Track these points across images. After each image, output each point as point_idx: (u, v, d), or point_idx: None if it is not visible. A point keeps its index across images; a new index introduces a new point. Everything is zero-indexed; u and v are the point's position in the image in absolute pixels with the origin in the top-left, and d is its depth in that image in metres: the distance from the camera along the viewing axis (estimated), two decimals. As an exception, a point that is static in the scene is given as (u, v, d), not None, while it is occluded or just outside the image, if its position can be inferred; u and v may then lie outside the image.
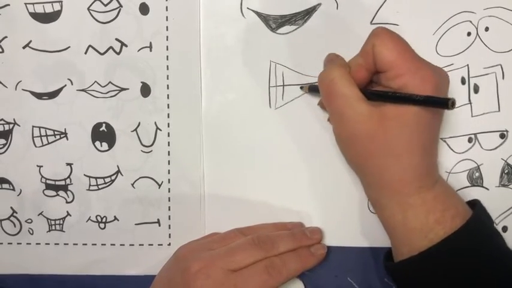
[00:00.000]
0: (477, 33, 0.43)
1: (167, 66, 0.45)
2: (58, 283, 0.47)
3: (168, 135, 0.45)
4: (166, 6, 0.44)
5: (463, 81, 0.44)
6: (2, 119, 0.46)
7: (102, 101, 0.45)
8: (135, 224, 0.46)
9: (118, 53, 0.45)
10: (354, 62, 0.39)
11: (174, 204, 0.46)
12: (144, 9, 0.44)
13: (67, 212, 0.46)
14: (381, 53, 0.37)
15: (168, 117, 0.45)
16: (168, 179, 0.46)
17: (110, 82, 0.45)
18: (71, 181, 0.46)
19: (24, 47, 0.45)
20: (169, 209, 0.46)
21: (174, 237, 0.46)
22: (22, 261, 0.47)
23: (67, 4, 0.44)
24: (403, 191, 0.37)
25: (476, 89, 0.44)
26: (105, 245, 0.47)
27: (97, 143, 0.46)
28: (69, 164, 0.46)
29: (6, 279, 0.47)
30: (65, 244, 0.47)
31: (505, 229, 0.45)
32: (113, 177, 0.46)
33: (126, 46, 0.44)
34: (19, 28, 0.44)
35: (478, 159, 0.45)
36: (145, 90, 0.45)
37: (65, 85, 0.45)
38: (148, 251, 0.46)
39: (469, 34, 0.44)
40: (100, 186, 0.46)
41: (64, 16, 0.44)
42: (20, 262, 0.47)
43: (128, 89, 0.45)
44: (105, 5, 0.44)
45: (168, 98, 0.45)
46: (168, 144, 0.45)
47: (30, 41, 0.44)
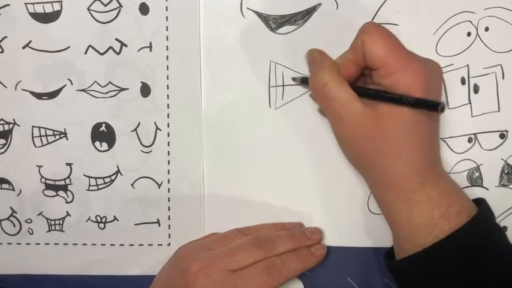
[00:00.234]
0: (477, 33, 0.43)
1: (167, 66, 0.45)
2: (58, 283, 0.47)
3: (168, 135, 0.45)
4: (166, 6, 0.44)
5: (463, 81, 0.44)
6: (1, 119, 0.45)
7: (102, 101, 0.45)
8: (135, 224, 0.46)
9: (118, 53, 0.44)
10: (344, 57, 0.39)
11: (174, 204, 0.46)
12: (144, 9, 0.44)
13: (67, 212, 0.46)
14: (371, 50, 0.36)
15: (168, 117, 0.45)
16: (168, 179, 0.46)
17: (110, 82, 0.45)
18: (70, 181, 0.46)
19: (24, 47, 0.45)
20: (169, 209, 0.46)
21: (174, 237, 0.46)
22: (22, 261, 0.47)
23: (67, 4, 0.44)
24: (406, 188, 0.37)
25: (476, 89, 0.44)
26: (104, 245, 0.46)
27: (97, 143, 0.46)
28: (69, 164, 0.46)
29: (6, 279, 0.47)
30: (64, 244, 0.47)
31: (505, 229, 0.45)
32: (112, 177, 0.46)
33: (126, 46, 0.44)
34: (19, 28, 0.44)
35: (478, 159, 0.45)
36: (145, 90, 0.45)
37: (65, 85, 0.45)
38: (148, 251, 0.46)
39: (469, 34, 0.44)
40: (100, 186, 0.46)
41: (64, 16, 0.44)
42: (19, 262, 0.47)
43: (128, 89, 0.45)
44: (105, 5, 0.44)
45: (168, 98, 0.45)
46: (168, 144, 0.45)
47: (30, 41, 0.44)
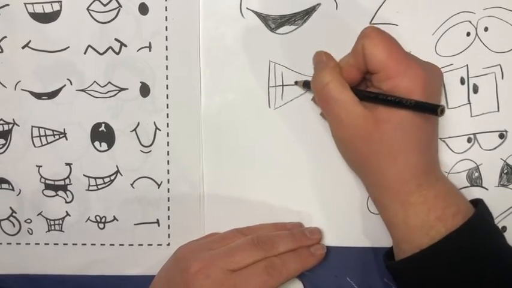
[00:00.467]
0: (476, 33, 0.43)
1: (166, 66, 0.45)
2: (57, 283, 0.47)
3: (168, 135, 0.45)
4: (166, 6, 0.44)
5: (463, 82, 0.44)
6: (1, 119, 0.45)
7: (101, 101, 0.45)
8: (135, 224, 0.46)
9: (117, 53, 0.44)
10: (345, 61, 0.39)
11: (174, 204, 0.46)
12: (143, 9, 0.44)
13: (66, 212, 0.46)
14: (371, 54, 0.37)
15: (168, 117, 0.45)
16: (168, 179, 0.46)
17: (109, 82, 0.45)
18: (70, 181, 0.46)
19: (23, 47, 0.44)
20: (168, 209, 0.46)
21: (174, 237, 0.46)
22: (21, 261, 0.47)
23: (66, 4, 0.44)
24: (403, 190, 0.37)
25: (475, 89, 0.44)
26: (104, 245, 0.47)
27: (96, 143, 0.46)
28: (69, 164, 0.46)
29: (6, 279, 0.47)
30: (64, 244, 0.47)
31: (504, 229, 0.45)
32: (112, 177, 0.46)
33: (125, 46, 0.44)
34: (18, 28, 0.44)
35: (477, 159, 0.45)
36: (144, 90, 0.45)
37: (64, 85, 0.45)
38: (147, 251, 0.46)
39: (468, 34, 0.44)
40: (99, 186, 0.46)
41: (63, 16, 0.44)
42: (19, 262, 0.47)
43: (127, 89, 0.45)
44: (105, 5, 0.44)
45: (167, 98, 0.45)
46: (168, 144, 0.45)
47: (30, 41, 0.44)
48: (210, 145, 0.45)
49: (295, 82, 0.44)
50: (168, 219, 0.46)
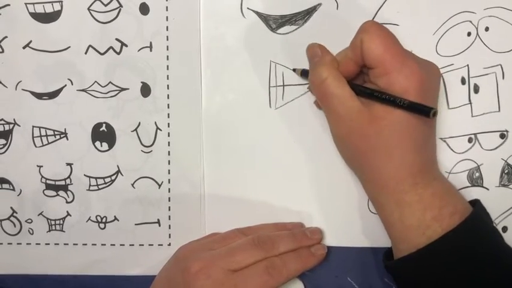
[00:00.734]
0: (477, 33, 0.43)
1: (167, 66, 0.45)
2: (58, 283, 0.47)
3: (168, 135, 0.45)
4: (167, 6, 0.44)
5: (463, 81, 0.44)
6: (2, 119, 0.45)
7: (102, 101, 0.45)
8: (135, 224, 0.46)
9: (118, 53, 0.44)
10: (343, 55, 0.39)
11: (174, 204, 0.46)
12: (144, 9, 0.44)
13: (67, 212, 0.46)
14: (368, 49, 0.37)
15: (168, 117, 0.45)
16: (168, 179, 0.46)
17: (110, 82, 0.45)
18: (71, 181, 0.46)
19: (24, 47, 0.45)
20: (169, 209, 0.46)
21: (174, 237, 0.46)
22: (22, 262, 0.47)
23: (67, 4, 0.44)
24: (398, 188, 0.37)
25: (476, 89, 0.44)
26: (105, 245, 0.46)
27: (97, 143, 0.46)
28: (69, 164, 0.46)
29: (6, 279, 0.47)
30: (65, 244, 0.47)
31: (505, 229, 0.45)
32: (113, 177, 0.46)
33: (126, 46, 0.44)
34: (19, 28, 0.44)
35: (478, 159, 0.45)
36: (145, 90, 0.45)
37: (65, 85, 0.45)
38: (148, 251, 0.46)
39: (469, 34, 0.44)
40: (100, 186, 0.46)
41: (64, 16, 0.44)
42: (20, 262, 0.47)
43: (128, 89, 0.45)
44: (105, 5, 0.44)
45: (168, 98, 0.45)
46: (168, 144, 0.45)
47: (31, 41, 0.44)
48: (210, 145, 0.45)
49: (294, 69, 0.44)
50: (169, 219, 0.46)
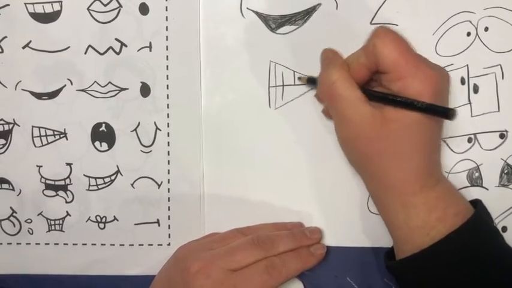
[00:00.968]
0: (477, 33, 0.43)
1: (167, 66, 0.45)
2: (58, 283, 0.47)
3: (168, 135, 0.45)
4: (166, 7, 0.44)
5: (463, 81, 0.44)
6: (1, 119, 0.45)
7: (101, 101, 0.45)
8: (135, 224, 0.46)
9: (118, 53, 0.45)
10: (355, 60, 0.39)
11: (174, 204, 0.46)
12: (143, 9, 0.44)
13: (67, 212, 0.46)
14: (382, 54, 0.36)
15: (168, 117, 0.45)
16: (168, 179, 0.46)
17: (110, 82, 0.45)
18: (70, 181, 0.46)
19: (24, 47, 0.45)
20: (169, 209, 0.46)
21: (174, 237, 0.46)
22: (22, 261, 0.47)
23: (67, 4, 0.44)
24: (406, 191, 0.37)
25: (475, 89, 0.44)
26: (104, 245, 0.47)
27: (97, 143, 0.46)
28: (69, 164, 0.46)
29: (6, 279, 0.47)
30: (64, 244, 0.47)
31: (504, 229, 0.45)
32: (112, 177, 0.46)
33: (125, 46, 0.44)
34: (19, 28, 0.44)
35: (478, 159, 0.45)
36: (145, 90, 0.45)
37: (65, 85, 0.45)
38: (148, 251, 0.46)
39: (468, 34, 0.44)
40: (100, 186, 0.46)
41: (64, 16, 0.44)
42: (19, 262, 0.47)
43: (128, 89, 0.45)
44: (105, 5, 0.44)
45: (167, 98, 0.45)
46: (168, 144, 0.45)
47: (30, 41, 0.44)
48: (210, 145, 0.45)
49: (299, 78, 0.44)
50: (169, 219, 0.46)
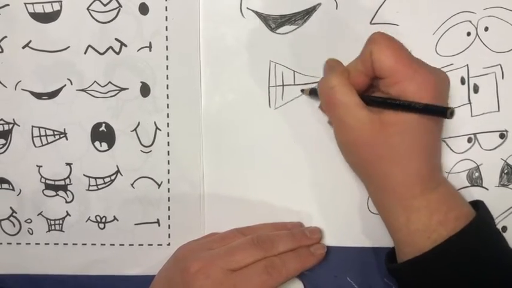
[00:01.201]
0: (477, 33, 0.43)
1: (167, 66, 0.45)
2: (57, 283, 0.47)
3: (168, 135, 0.45)
4: (166, 6, 0.44)
5: (463, 81, 0.44)
6: (1, 119, 0.45)
7: (101, 101, 0.45)
8: (135, 224, 0.46)
9: (118, 53, 0.44)
10: (353, 67, 0.39)
11: (174, 204, 0.46)
12: (143, 9, 0.44)
13: (67, 212, 0.46)
14: (378, 60, 0.36)
15: (168, 117, 0.45)
16: (168, 179, 0.46)
17: (110, 82, 0.45)
18: (70, 181, 0.46)
19: (23, 47, 0.45)
20: (168, 209, 0.46)
21: (174, 237, 0.46)
22: (22, 261, 0.47)
23: (67, 4, 0.44)
24: (407, 194, 0.37)
25: (475, 89, 0.44)
26: (104, 245, 0.46)
27: (96, 143, 0.46)
28: (69, 164, 0.46)
29: (6, 279, 0.47)
30: (64, 244, 0.47)
31: (504, 229, 0.45)
32: (112, 177, 0.46)
33: (125, 46, 0.44)
34: (19, 28, 0.44)
35: (478, 159, 0.45)
36: (145, 90, 0.45)
37: (65, 85, 0.45)
38: (147, 251, 0.46)
39: (468, 34, 0.44)
40: (99, 186, 0.46)
41: (64, 16, 0.44)
42: (19, 262, 0.47)
43: (128, 89, 0.45)
44: (105, 5, 0.44)
45: (167, 97, 0.45)
46: (168, 144, 0.45)
47: (30, 41, 0.44)
48: (210, 145, 0.45)
49: (302, 90, 0.44)
50: (169, 219, 0.46)
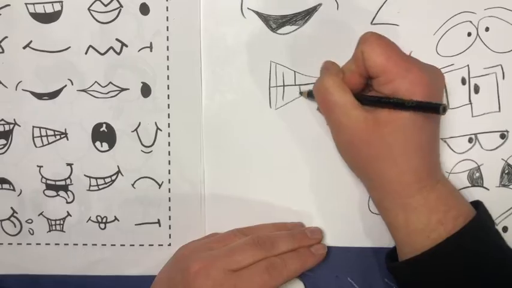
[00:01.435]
0: (477, 34, 0.43)
1: (167, 67, 0.45)
2: (58, 283, 0.47)
3: (169, 136, 0.45)
4: (167, 7, 0.44)
5: (464, 82, 0.44)
6: (2, 119, 0.46)
7: (102, 101, 0.45)
8: (136, 224, 0.46)
9: (118, 53, 0.45)
10: (347, 67, 0.39)
11: (175, 205, 0.46)
12: (144, 10, 0.44)
13: (67, 212, 0.46)
14: (370, 59, 0.36)
15: (169, 117, 0.45)
16: (169, 179, 0.46)
17: (110, 82, 0.45)
18: (71, 181, 0.46)
19: (24, 47, 0.45)
20: (169, 209, 0.46)
21: (175, 237, 0.46)
22: (22, 262, 0.47)
23: (67, 4, 0.44)
24: (404, 194, 0.37)
25: (476, 89, 0.44)
26: (105, 245, 0.47)
27: (97, 143, 0.46)
28: (70, 164, 0.46)
29: (7, 280, 0.47)
30: (65, 244, 0.47)
31: (505, 229, 0.45)
32: (113, 178, 0.46)
33: (126, 46, 0.44)
34: (19, 28, 0.44)
35: (479, 160, 0.45)
36: (145, 90, 0.45)
37: (65, 85, 0.45)
38: (148, 251, 0.46)
39: (469, 34, 0.44)
40: (100, 187, 0.46)
41: (64, 16, 0.44)
42: (20, 262, 0.47)
43: (128, 89, 0.45)
44: (106, 5, 0.44)
45: (168, 98, 0.45)
46: (169, 145, 0.45)
47: (31, 41, 0.44)
48: (210, 145, 0.45)
49: (300, 93, 0.44)
50: (169, 219, 0.46)
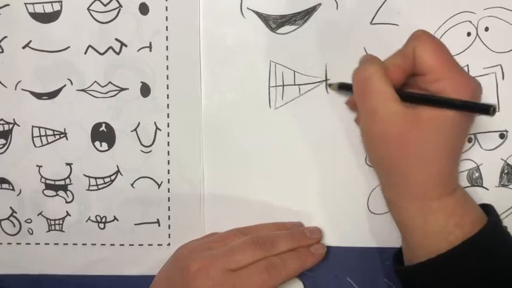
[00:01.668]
0: (477, 34, 0.43)
1: (167, 66, 0.45)
2: (58, 283, 0.47)
3: (168, 135, 0.45)
4: (166, 6, 0.44)
5: (463, 82, 0.44)
6: (1, 119, 0.45)
7: (101, 101, 0.45)
8: (135, 224, 0.46)
9: (118, 53, 0.45)
10: (391, 62, 0.38)
11: (174, 204, 0.46)
12: (143, 9, 0.44)
13: (67, 212, 0.46)
14: (422, 56, 0.36)
15: (168, 117, 0.45)
16: (168, 179, 0.46)
17: (110, 82, 0.45)
18: (70, 181, 0.46)
19: (24, 47, 0.45)
20: (169, 209, 0.46)
21: (174, 237, 0.46)
22: (22, 261, 0.47)
23: (67, 4, 0.44)
24: (426, 196, 0.36)
25: (476, 89, 0.44)
26: (104, 245, 0.47)
27: (97, 143, 0.46)
28: (69, 164, 0.46)
29: (6, 279, 0.47)
30: (64, 244, 0.47)
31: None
32: (112, 177, 0.46)
33: (125, 46, 0.44)
34: (19, 28, 0.44)
35: (478, 160, 0.45)
36: (145, 90, 0.45)
37: (65, 85, 0.45)
38: (148, 251, 0.46)
39: (469, 34, 0.43)
40: (100, 186, 0.46)
41: (64, 16, 0.44)
42: (19, 262, 0.47)
43: (128, 89, 0.45)
44: (105, 5, 0.44)
45: (167, 98, 0.45)
46: (168, 144, 0.45)
47: (30, 41, 0.44)
48: (210, 145, 0.45)
49: (329, 85, 0.44)
50: (169, 219, 0.46)
